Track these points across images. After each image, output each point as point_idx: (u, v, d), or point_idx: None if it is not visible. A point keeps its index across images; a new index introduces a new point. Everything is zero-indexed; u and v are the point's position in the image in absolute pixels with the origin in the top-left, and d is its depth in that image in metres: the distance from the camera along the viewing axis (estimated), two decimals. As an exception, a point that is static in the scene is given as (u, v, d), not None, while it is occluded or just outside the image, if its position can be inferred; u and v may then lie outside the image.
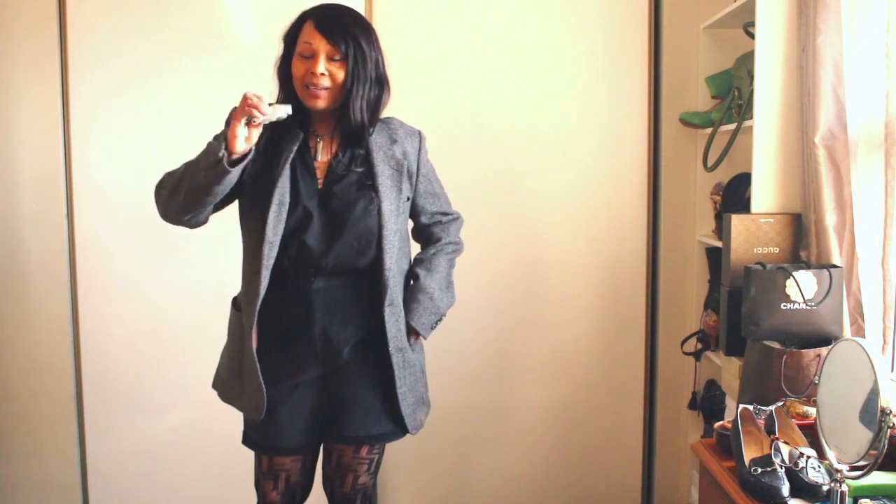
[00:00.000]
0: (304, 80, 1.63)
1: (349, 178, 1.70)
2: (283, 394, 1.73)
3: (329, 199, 1.68)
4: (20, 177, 2.52)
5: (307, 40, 1.62)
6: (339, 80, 1.63)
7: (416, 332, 1.80)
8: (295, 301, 1.70)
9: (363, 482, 1.82)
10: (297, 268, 1.69)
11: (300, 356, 1.72)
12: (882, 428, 1.34)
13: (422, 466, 2.71)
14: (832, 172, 1.95)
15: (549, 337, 2.68)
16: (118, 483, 2.62)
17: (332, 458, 1.82)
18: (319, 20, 1.63)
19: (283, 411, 1.73)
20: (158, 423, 2.61)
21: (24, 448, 2.60)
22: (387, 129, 1.76)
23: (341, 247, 1.68)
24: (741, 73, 2.29)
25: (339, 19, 1.64)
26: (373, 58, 1.66)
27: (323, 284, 1.69)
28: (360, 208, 1.68)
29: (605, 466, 2.74)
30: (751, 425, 1.70)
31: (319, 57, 1.61)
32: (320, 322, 1.70)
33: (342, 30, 1.61)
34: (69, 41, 2.46)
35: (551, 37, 2.59)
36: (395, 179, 1.73)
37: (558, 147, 2.62)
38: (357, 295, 1.72)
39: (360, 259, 1.70)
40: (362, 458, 1.79)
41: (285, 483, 1.80)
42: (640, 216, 2.66)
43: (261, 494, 1.84)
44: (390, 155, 1.73)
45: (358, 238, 1.68)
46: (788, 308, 1.92)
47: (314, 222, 1.66)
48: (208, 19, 2.50)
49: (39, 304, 2.55)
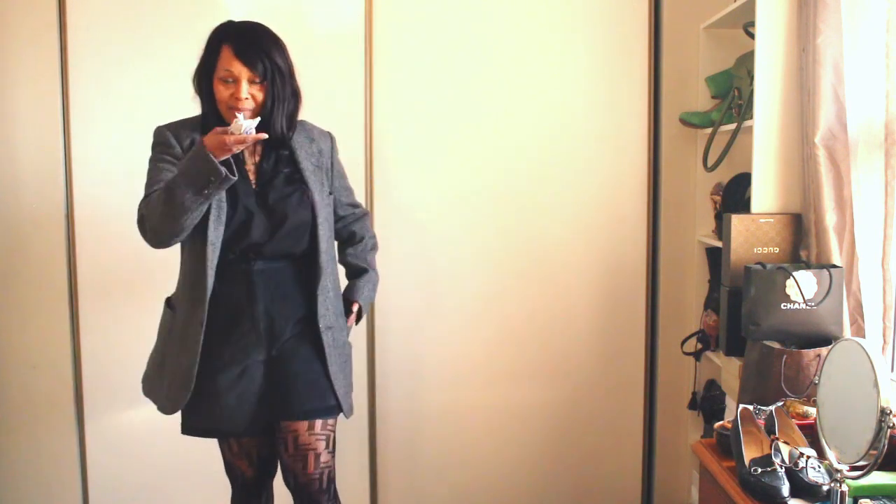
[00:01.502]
0: (228, 103, 1.73)
1: (279, 177, 1.82)
2: (231, 380, 1.79)
3: (266, 196, 1.79)
4: (20, 176, 2.51)
5: (227, 67, 1.71)
6: (260, 100, 1.74)
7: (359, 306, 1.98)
8: (238, 284, 1.79)
9: (325, 461, 1.83)
10: (238, 257, 1.79)
11: (245, 336, 1.79)
12: (882, 428, 1.34)
13: (421, 466, 2.71)
14: (832, 172, 1.95)
15: (549, 337, 2.68)
16: (118, 483, 2.62)
17: (288, 443, 1.82)
18: (237, 46, 1.71)
19: (231, 397, 1.79)
20: (158, 422, 2.61)
21: (24, 448, 2.60)
22: (303, 130, 1.89)
23: (282, 236, 1.79)
24: (741, 73, 2.29)
25: (256, 43, 1.73)
26: (288, 73, 1.77)
27: (263, 266, 1.80)
28: (294, 200, 1.81)
29: (605, 466, 2.74)
30: (751, 425, 1.70)
31: (242, 82, 1.71)
32: (262, 300, 1.79)
33: (259, 53, 1.71)
34: (69, 40, 2.46)
35: (551, 37, 2.59)
36: (318, 175, 1.87)
37: (558, 147, 2.62)
38: (294, 276, 1.84)
39: (297, 246, 1.83)
40: (318, 434, 1.83)
41: (258, 457, 1.92)
42: (640, 216, 2.66)
43: (237, 475, 1.94)
44: (311, 152, 1.87)
45: (296, 227, 1.80)
46: (788, 308, 1.92)
47: (256, 219, 1.77)
48: (208, 18, 2.50)
49: (39, 304, 2.55)
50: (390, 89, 2.55)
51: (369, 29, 2.52)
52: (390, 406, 2.63)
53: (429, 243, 2.60)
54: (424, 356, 2.66)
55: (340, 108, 2.51)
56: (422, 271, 2.57)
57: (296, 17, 2.49)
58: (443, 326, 2.65)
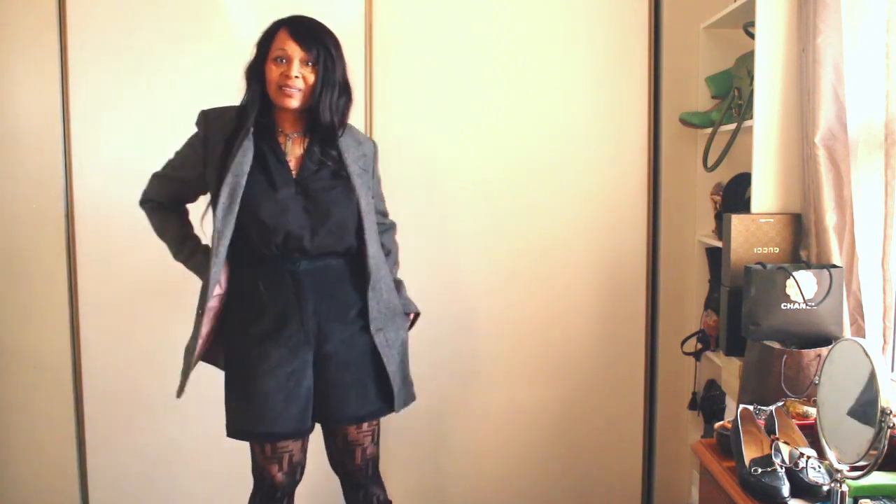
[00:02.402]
0: (278, 82, 1.75)
1: (323, 171, 1.82)
2: (279, 382, 1.79)
3: (305, 187, 1.80)
4: (20, 176, 2.51)
5: (281, 46, 1.75)
6: (310, 82, 1.76)
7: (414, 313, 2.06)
8: (284, 284, 1.80)
9: (371, 452, 1.95)
10: (282, 253, 1.79)
11: (294, 337, 1.79)
12: (882, 428, 1.34)
13: (421, 466, 2.71)
14: (832, 172, 1.95)
15: (549, 337, 2.68)
16: (118, 483, 2.62)
17: (336, 438, 1.92)
18: (293, 28, 1.77)
19: (278, 399, 1.79)
20: (158, 423, 2.61)
21: (23, 448, 2.60)
22: (351, 133, 1.90)
23: (326, 231, 1.79)
24: (741, 73, 2.29)
25: (312, 29, 1.78)
26: (340, 65, 1.80)
27: (309, 265, 1.80)
28: (337, 193, 1.81)
29: (605, 466, 2.74)
30: (751, 425, 1.70)
31: (294, 61, 1.74)
32: (311, 300, 1.80)
33: (314, 38, 1.76)
34: (69, 40, 2.46)
35: (551, 37, 2.59)
36: (364, 178, 1.88)
37: (558, 147, 2.62)
38: (342, 276, 1.85)
39: (341, 242, 1.83)
40: (365, 432, 1.92)
41: (288, 463, 1.87)
42: (640, 216, 2.66)
43: (266, 478, 1.89)
44: (358, 155, 1.88)
45: (337, 223, 1.81)
46: (788, 308, 1.92)
47: (293, 211, 1.77)
48: (208, 17, 2.50)
49: (39, 304, 2.55)
50: (390, 89, 2.55)
51: (369, 29, 2.52)
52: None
53: (428, 243, 2.60)
54: (424, 356, 2.65)
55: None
56: (421, 271, 2.57)
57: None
58: (442, 326, 2.65)
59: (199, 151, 1.84)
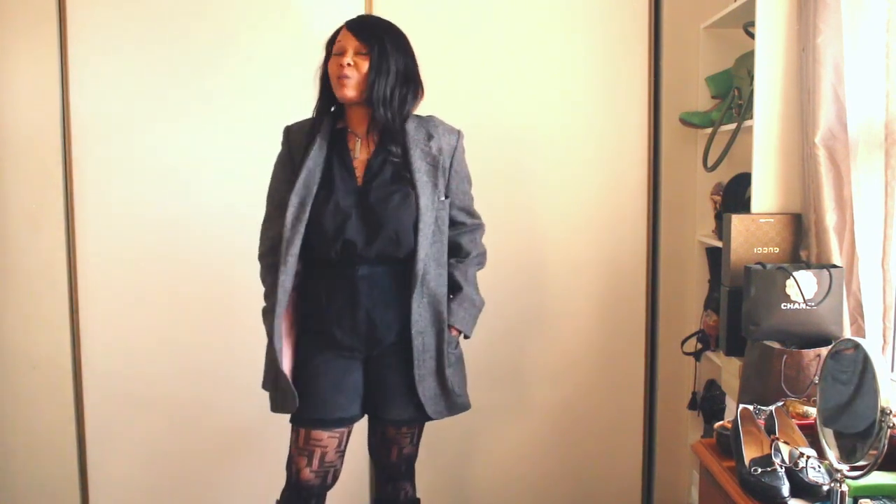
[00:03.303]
0: (336, 73, 1.79)
1: (386, 174, 1.83)
2: (328, 366, 1.85)
3: (367, 195, 1.81)
4: (20, 176, 2.51)
5: (340, 41, 1.81)
6: (363, 70, 1.78)
7: (458, 330, 1.95)
8: (341, 287, 1.83)
9: (408, 452, 1.99)
10: (343, 258, 1.82)
11: (347, 338, 1.84)
12: (882, 428, 1.34)
13: (421, 466, 2.70)
14: (832, 172, 1.94)
15: (549, 337, 2.68)
16: (118, 483, 2.62)
17: (377, 431, 1.97)
18: (353, 24, 1.83)
19: (325, 384, 1.84)
20: (158, 423, 2.61)
21: (23, 448, 2.60)
22: (425, 126, 1.89)
23: (381, 239, 1.80)
24: (741, 73, 2.29)
25: (371, 24, 1.85)
26: (398, 56, 1.81)
27: (367, 271, 1.82)
28: (395, 201, 1.81)
29: (605, 466, 2.74)
30: (751, 425, 1.70)
31: (348, 52, 1.78)
32: (364, 306, 1.82)
33: (370, 30, 1.81)
34: (69, 38, 2.46)
35: (551, 37, 2.59)
36: (431, 175, 1.85)
37: (558, 147, 2.62)
38: (398, 282, 1.85)
39: (399, 249, 1.83)
40: (404, 433, 1.96)
41: (319, 461, 1.86)
42: (640, 216, 2.66)
43: (293, 473, 1.88)
44: (427, 151, 1.86)
45: (396, 230, 1.81)
46: (788, 308, 1.92)
47: (353, 219, 1.79)
48: (206, 15, 2.50)
49: (39, 304, 2.55)
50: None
51: (369, 29, 2.52)
52: (390, 406, 2.63)
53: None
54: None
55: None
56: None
57: (296, 16, 2.49)
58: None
59: (287, 167, 1.88)
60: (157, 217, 2.53)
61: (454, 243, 1.98)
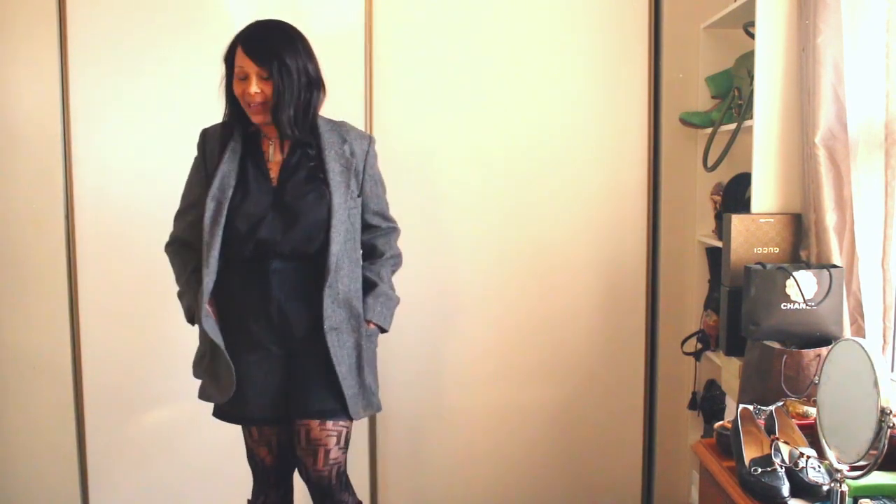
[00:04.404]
0: (243, 98, 1.82)
1: (300, 174, 1.88)
2: (250, 370, 1.88)
3: (282, 195, 1.86)
4: (20, 176, 2.51)
5: (240, 64, 1.80)
6: (269, 93, 1.80)
7: (376, 324, 1.97)
8: (253, 282, 1.87)
9: (335, 457, 1.91)
10: (256, 255, 1.86)
11: (261, 331, 1.87)
12: (882, 428, 1.34)
13: (421, 466, 2.71)
14: (832, 172, 1.94)
15: (549, 337, 2.68)
16: (118, 483, 2.62)
17: (300, 436, 1.91)
18: (247, 45, 1.80)
19: (249, 386, 1.88)
20: (158, 423, 2.61)
21: (23, 448, 2.60)
22: (338, 130, 1.94)
23: (295, 236, 1.84)
24: (741, 73, 2.29)
25: (265, 41, 1.80)
26: (299, 68, 1.81)
27: (279, 266, 1.86)
28: (310, 199, 1.85)
29: (605, 466, 2.74)
30: (751, 425, 1.70)
31: (252, 78, 1.79)
32: (276, 300, 1.86)
33: (267, 51, 1.78)
34: (69, 39, 2.46)
35: (551, 37, 2.59)
36: (345, 176, 1.89)
37: (558, 147, 2.62)
38: (309, 277, 1.87)
39: (311, 245, 1.86)
40: (330, 430, 1.90)
41: (277, 446, 1.96)
42: (640, 216, 2.66)
43: (257, 462, 1.99)
44: (340, 153, 1.90)
45: (309, 227, 1.85)
46: (788, 308, 1.92)
47: (268, 219, 1.84)
48: (206, 15, 2.50)
49: (39, 304, 2.55)
50: (390, 89, 2.55)
51: (369, 29, 2.52)
52: (390, 406, 2.62)
53: (427, 244, 2.60)
54: (423, 356, 2.66)
55: (340, 108, 2.49)
56: (420, 271, 2.57)
57: (296, 16, 2.47)
58: (442, 326, 2.65)
59: (200, 171, 1.93)
60: (157, 217, 2.52)
61: (369, 245, 2.02)
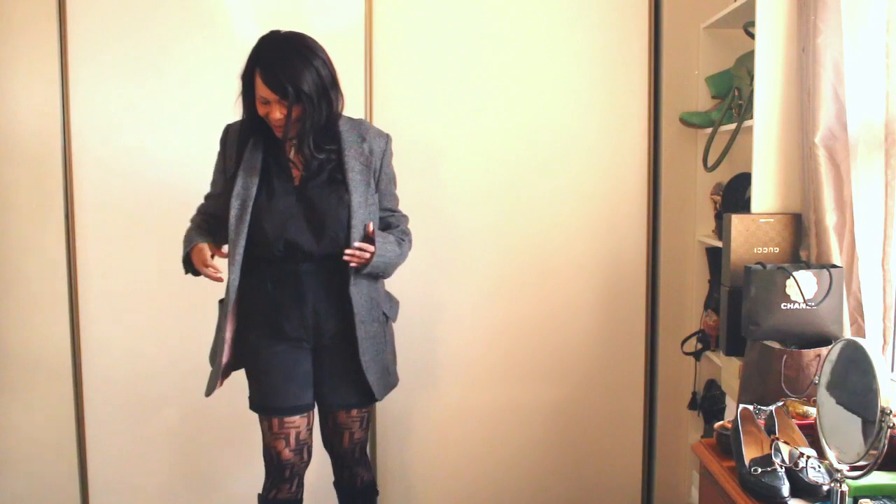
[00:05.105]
0: (266, 118, 1.87)
1: (322, 175, 1.92)
2: (278, 359, 1.95)
3: (305, 196, 1.91)
4: (20, 176, 2.51)
5: (261, 93, 1.83)
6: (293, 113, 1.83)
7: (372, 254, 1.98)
8: (284, 283, 1.93)
9: (359, 437, 2.09)
10: (286, 256, 1.91)
11: (294, 331, 1.95)
12: (882, 428, 1.34)
13: (421, 465, 2.71)
14: (832, 172, 1.94)
15: (549, 337, 2.68)
16: (118, 483, 2.62)
17: (328, 420, 2.08)
18: (265, 74, 1.81)
19: (279, 379, 1.95)
20: (158, 423, 2.61)
21: (23, 448, 2.60)
22: (358, 129, 1.99)
23: (326, 239, 1.90)
24: (741, 73, 2.29)
25: (284, 69, 1.80)
26: (319, 89, 1.83)
27: (311, 267, 1.92)
28: (332, 201, 1.91)
29: (605, 466, 2.74)
30: (751, 425, 1.70)
31: (274, 105, 1.83)
32: (310, 300, 1.93)
33: (285, 79, 1.79)
34: (69, 38, 2.46)
35: (551, 37, 2.59)
36: (364, 174, 1.95)
37: (558, 147, 2.62)
38: (335, 275, 1.94)
39: (337, 246, 1.91)
40: (354, 417, 2.06)
41: (295, 440, 1.99)
42: (640, 216, 2.66)
43: (273, 456, 2.00)
44: (360, 152, 1.96)
45: (336, 229, 1.90)
46: (788, 308, 1.92)
47: (294, 220, 1.89)
48: (206, 15, 2.50)
49: (39, 304, 2.55)
50: (390, 88, 2.55)
51: (369, 29, 2.53)
52: (389, 405, 2.62)
53: (427, 243, 2.60)
54: (423, 355, 2.66)
55: (340, 108, 2.51)
56: (420, 271, 2.57)
57: (296, 16, 2.49)
58: (442, 326, 2.65)
59: (220, 165, 2.01)
60: (157, 217, 2.53)
61: (384, 225, 2.08)
